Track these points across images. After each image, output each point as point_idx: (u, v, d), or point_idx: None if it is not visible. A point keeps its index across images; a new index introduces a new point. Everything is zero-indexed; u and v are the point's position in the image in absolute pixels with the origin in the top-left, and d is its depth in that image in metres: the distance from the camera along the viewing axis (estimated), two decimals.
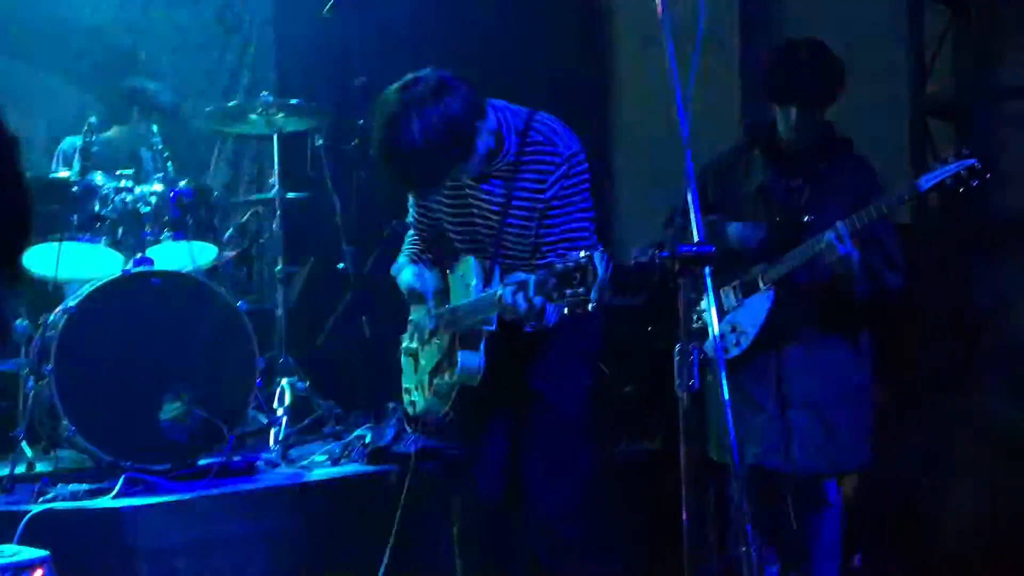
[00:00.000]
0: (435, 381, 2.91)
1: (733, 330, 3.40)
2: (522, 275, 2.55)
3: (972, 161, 3.11)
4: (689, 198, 2.12)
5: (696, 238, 2.06)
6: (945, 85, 4.74)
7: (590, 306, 2.32)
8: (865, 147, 4.69)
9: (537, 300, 2.45)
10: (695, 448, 2.01)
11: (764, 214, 3.43)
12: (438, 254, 3.07)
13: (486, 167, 2.78)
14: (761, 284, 3.36)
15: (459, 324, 2.80)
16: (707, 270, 2.02)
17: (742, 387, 3.33)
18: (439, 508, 3.32)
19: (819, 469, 3.39)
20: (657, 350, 3.64)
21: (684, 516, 1.94)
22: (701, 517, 1.96)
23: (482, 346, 2.76)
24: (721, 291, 3.41)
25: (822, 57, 3.35)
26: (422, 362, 3.01)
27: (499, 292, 2.56)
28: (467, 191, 2.85)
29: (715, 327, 2.17)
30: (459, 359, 2.76)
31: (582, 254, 2.29)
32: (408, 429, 3.72)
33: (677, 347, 2.00)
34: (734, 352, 3.37)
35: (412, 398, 3.08)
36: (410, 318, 3.07)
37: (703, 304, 2.39)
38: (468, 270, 2.83)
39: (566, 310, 2.42)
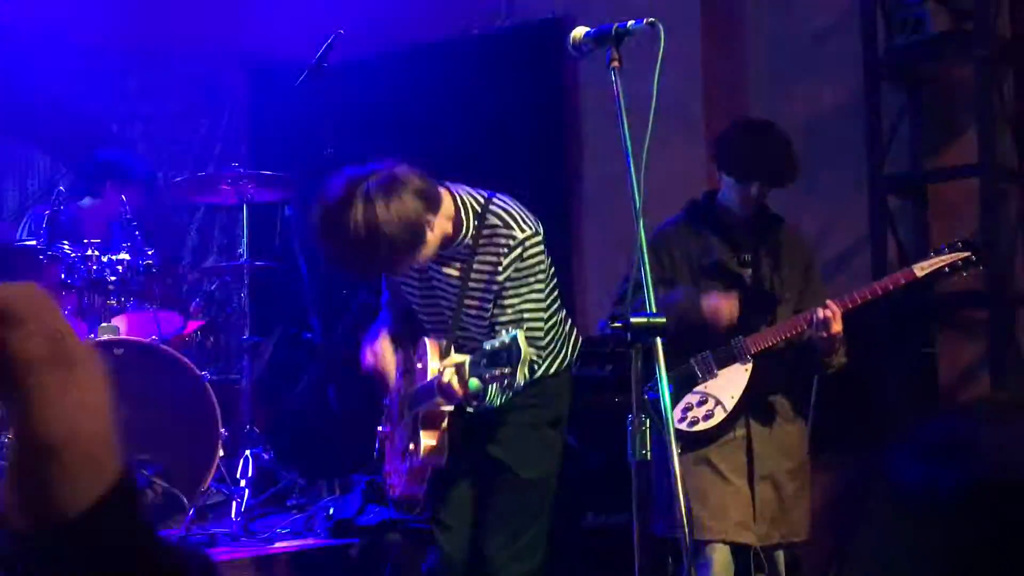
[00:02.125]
0: (407, 465, 2.92)
1: (704, 402, 3.43)
2: (459, 357, 2.59)
3: (967, 252, 3.28)
4: (642, 269, 2.16)
5: (650, 308, 2.10)
6: (902, 163, 4.86)
7: (516, 385, 2.41)
8: (827, 222, 4.82)
9: (473, 381, 2.47)
10: (647, 520, 2.03)
11: (723, 290, 3.47)
12: (401, 333, 3.09)
13: (444, 251, 2.81)
14: (747, 355, 3.40)
15: (419, 405, 2.81)
16: (659, 340, 2.06)
17: (711, 460, 3.36)
18: None
19: (772, 539, 3.40)
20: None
21: None
22: None
23: (444, 425, 2.77)
24: (692, 360, 3.44)
25: (787, 140, 3.46)
26: (397, 444, 3.02)
27: (437, 375, 2.60)
28: (431, 272, 2.89)
29: (667, 399, 2.18)
30: (421, 441, 2.77)
31: (504, 334, 2.35)
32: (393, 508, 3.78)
33: (629, 417, 2.03)
34: (703, 424, 3.37)
35: (391, 482, 3.07)
36: (384, 401, 3.09)
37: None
38: (422, 351, 2.84)
39: (494, 387, 2.49)
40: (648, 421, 2.05)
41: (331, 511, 4.14)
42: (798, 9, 5.13)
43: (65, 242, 4.13)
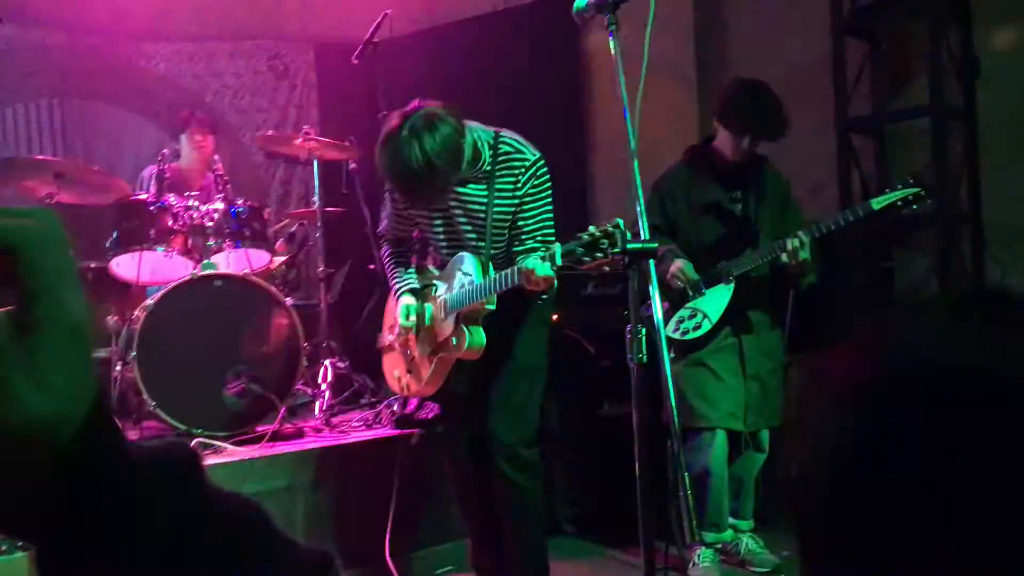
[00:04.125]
0: (435, 360, 2.90)
1: (693, 315, 3.38)
2: (536, 254, 2.53)
3: (917, 189, 3.20)
4: (639, 204, 2.09)
5: (644, 236, 2.03)
6: (864, 107, 4.70)
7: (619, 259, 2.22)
8: (800, 161, 4.67)
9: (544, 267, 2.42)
10: (645, 410, 1.99)
11: (719, 222, 3.44)
12: (404, 256, 3.09)
13: (467, 174, 2.79)
14: (730, 277, 3.36)
15: (465, 306, 2.79)
16: (651, 263, 2.00)
17: (705, 362, 3.35)
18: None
19: (759, 425, 3.43)
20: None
21: (636, 467, 1.91)
22: (653, 468, 1.93)
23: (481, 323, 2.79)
24: (681, 282, 3.40)
25: (778, 100, 3.35)
26: (417, 349, 2.99)
27: (527, 266, 2.48)
28: (453, 200, 2.85)
29: (659, 312, 2.14)
30: (467, 335, 2.76)
31: (608, 224, 2.25)
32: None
33: (627, 327, 1.98)
34: (694, 334, 3.37)
35: (407, 381, 3.06)
36: (400, 314, 2.99)
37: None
38: (465, 264, 2.81)
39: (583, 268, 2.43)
40: (644, 330, 1.99)
41: (395, 407, 4.15)
42: None
43: (171, 195, 4.09)
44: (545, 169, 2.83)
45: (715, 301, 3.37)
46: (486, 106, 5.58)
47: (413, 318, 2.95)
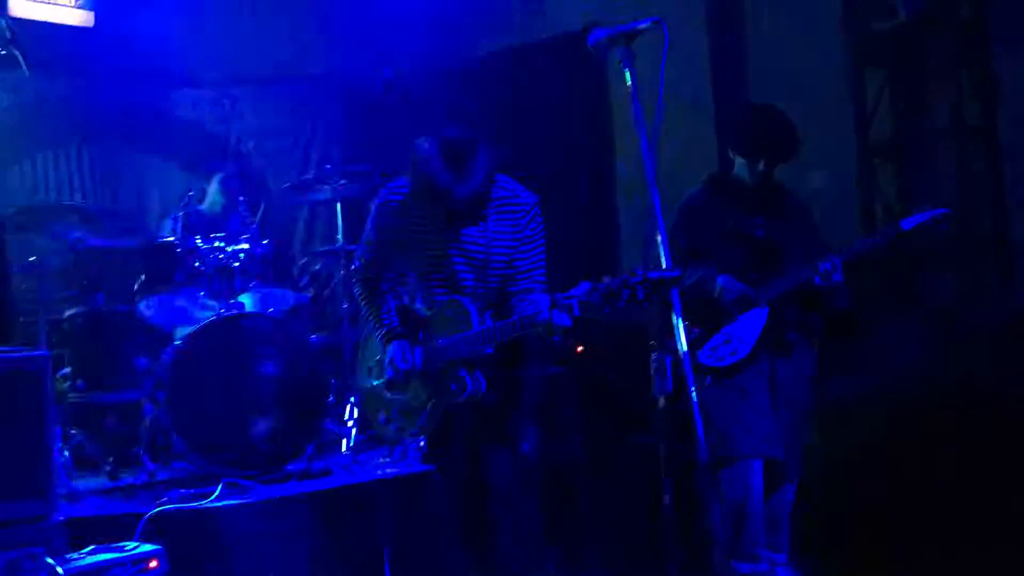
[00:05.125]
0: (430, 405, 2.83)
1: (728, 341, 3.36)
2: (544, 299, 2.53)
3: (946, 210, 3.24)
4: (658, 230, 2.09)
5: (664, 265, 2.03)
6: (885, 130, 4.69)
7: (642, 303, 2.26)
8: (820, 183, 4.66)
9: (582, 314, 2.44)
10: (671, 441, 1.97)
11: (743, 248, 3.42)
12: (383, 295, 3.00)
13: (465, 210, 2.76)
14: (763, 301, 3.33)
15: (466, 352, 2.74)
16: (674, 291, 1.99)
17: (740, 388, 3.31)
18: None
19: (793, 453, 3.36)
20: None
21: (666, 498, 1.89)
22: (683, 499, 1.91)
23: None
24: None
25: (787, 120, 3.35)
26: (409, 393, 2.91)
27: (543, 316, 2.49)
28: (447, 242, 2.83)
29: (683, 341, 2.12)
30: (468, 382, 2.72)
31: (627, 274, 2.27)
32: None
33: (652, 356, 1.97)
34: (730, 360, 3.32)
35: (398, 425, 2.95)
36: (395, 356, 2.89)
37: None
38: (461, 309, 2.77)
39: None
40: (668, 360, 1.98)
41: (421, 443, 4.13)
42: (791, 2, 4.95)
43: (197, 237, 4.15)
44: (541, 214, 2.85)
45: (749, 326, 3.34)
46: (511, 140, 5.65)
47: (411, 359, 2.87)
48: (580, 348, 4.29)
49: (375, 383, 3.00)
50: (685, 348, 2.07)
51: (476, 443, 2.86)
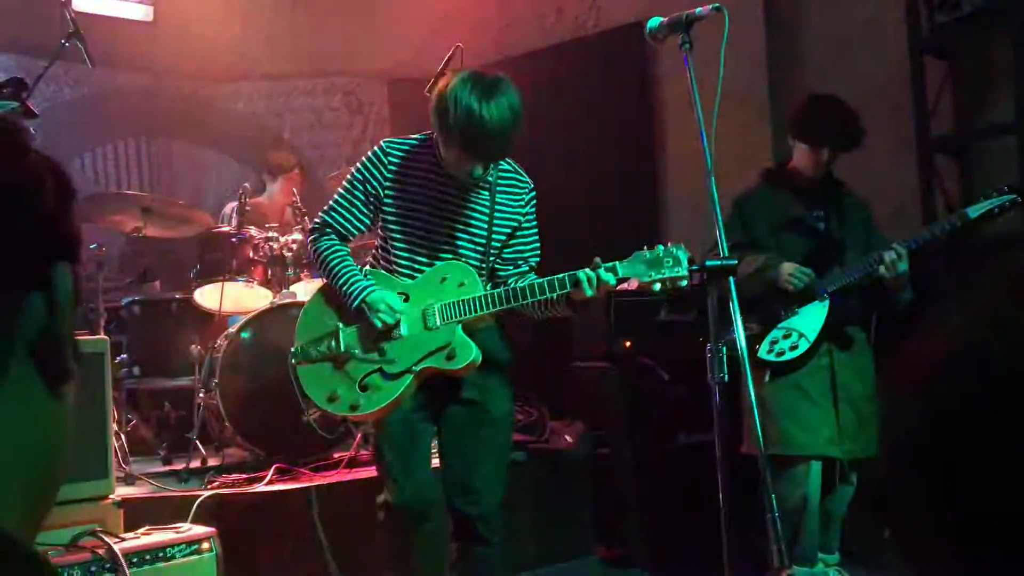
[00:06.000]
0: (408, 375, 2.52)
1: (788, 335, 3.25)
2: (588, 271, 2.40)
3: (1013, 196, 3.10)
4: (717, 221, 2.06)
5: (723, 253, 2.00)
6: (946, 126, 4.57)
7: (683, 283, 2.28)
8: (881, 183, 4.55)
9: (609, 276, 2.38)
10: (726, 433, 1.93)
11: (802, 239, 3.35)
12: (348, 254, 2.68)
13: (468, 178, 2.55)
14: (824, 294, 3.24)
15: (471, 316, 2.51)
16: (731, 280, 1.96)
17: (801, 385, 3.21)
18: None
19: (855, 454, 3.24)
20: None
21: (720, 495, 1.85)
22: (737, 498, 1.86)
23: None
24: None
25: (853, 111, 3.28)
26: (385, 358, 2.56)
27: (590, 274, 2.38)
28: (450, 199, 2.60)
29: (741, 332, 2.07)
30: (468, 349, 2.48)
31: (669, 245, 2.28)
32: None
33: (708, 346, 1.93)
34: (790, 355, 3.20)
35: (349, 402, 2.58)
36: (381, 312, 2.54)
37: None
38: (459, 273, 2.56)
39: (657, 287, 2.34)
40: (724, 348, 1.94)
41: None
42: None
43: (251, 227, 4.21)
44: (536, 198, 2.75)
45: (811, 320, 3.23)
46: (558, 135, 5.66)
47: (399, 316, 2.54)
48: (628, 343, 4.25)
49: (320, 351, 2.62)
50: (743, 339, 2.03)
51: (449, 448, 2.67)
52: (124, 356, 4.24)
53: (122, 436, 3.83)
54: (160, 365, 4.22)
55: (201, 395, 3.87)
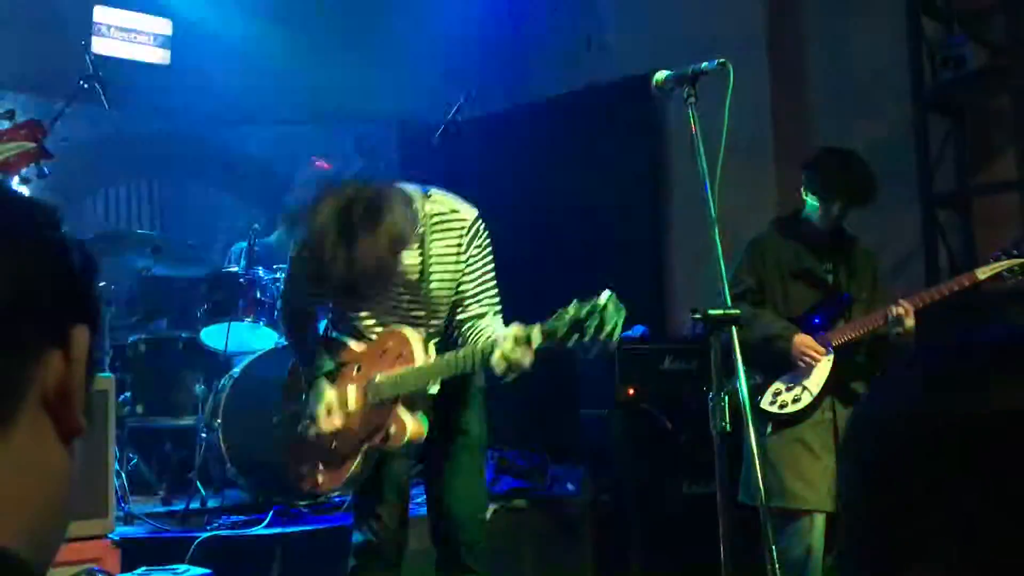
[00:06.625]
0: (362, 452, 2.45)
1: (791, 388, 3.24)
2: (504, 331, 2.17)
3: (1022, 259, 3.11)
4: (721, 269, 2.07)
5: (726, 303, 2.00)
6: (949, 182, 4.60)
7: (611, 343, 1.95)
8: (884, 236, 4.58)
9: (538, 349, 2.09)
10: (728, 483, 1.92)
11: (811, 291, 3.35)
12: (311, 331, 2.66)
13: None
14: (830, 347, 3.24)
15: (407, 390, 2.39)
16: (734, 329, 1.96)
17: (803, 438, 3.20)
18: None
19: None
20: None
21: (721, 548, 1.83)
22: (741, 548, 1.84)
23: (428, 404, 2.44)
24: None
25: (866, 167, 3.30)
26: (337, 441, 2.52)
27: (497, 350, 2.12)
28: None
29: (743, 382, 2.06)
30: (410, 423, 2.37)
31: (598, 297, 1.93)
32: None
33: (710, 395, 1.93)
34: (792, 407, 3.20)
35: (320, 478, 2.55)
36: (332, 401, 2.50)
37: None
38: (398, 340, 2.43)
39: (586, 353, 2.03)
40: (726, 398, 1.93)
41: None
42: (854, 51, 4.92)
43: (259, 268, 4.24)
44: (486, 226, 2.49)
45: (814, 373, 3.22)
46: (566, 182, 5.71)
47: (353, 406, 2.47)
48: (632, 390, 4.24)
49: (298, 429, 2.60)
50: (745, 390, 2.02)
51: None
52: (128, 394, 4.25)
53: (123, 475, 3.82)
54: (163, 404, 4.22)
55: (203, 435, 3.86)
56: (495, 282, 2.51)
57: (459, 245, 2.45)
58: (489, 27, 6.13)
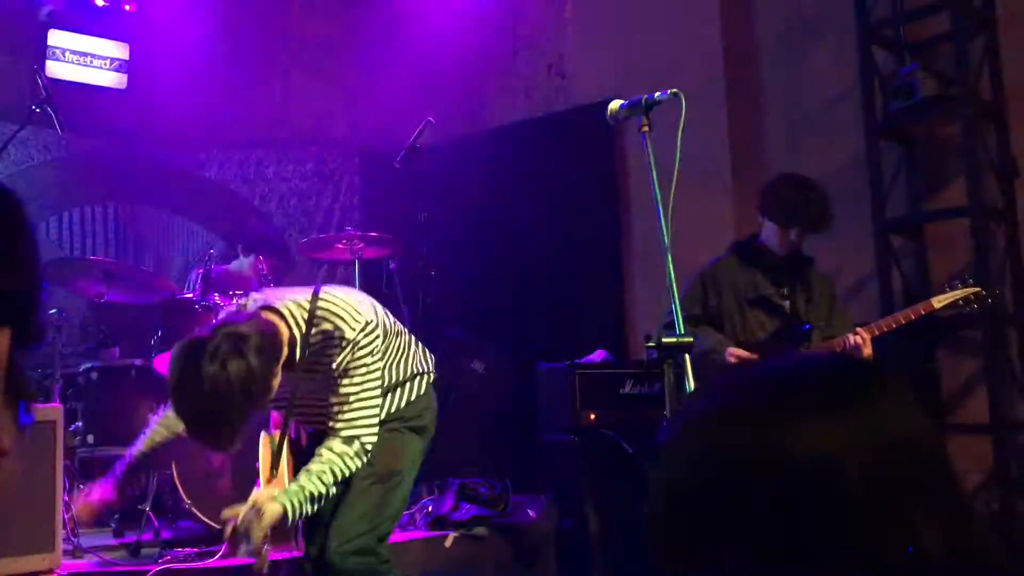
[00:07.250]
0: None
1: None
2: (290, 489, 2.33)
3: (977, 289, 3.28)
4: (673, 297, 2.09)
5: (680, 330, 2.02)
6: (901, 208, 4.70)
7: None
8: (839, 260, 4.66)
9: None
10: None
11: (768, 317, 3.40)
12: None
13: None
14: None
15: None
16: (687, 357, 1.98)
17: None
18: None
19: None
20: None
21: None
22: None
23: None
24: None
25: (823, 193, 3.36)
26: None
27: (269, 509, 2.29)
28: (285, 384, 2.47)
29: None
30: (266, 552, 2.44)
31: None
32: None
33: (663, 423, 1.95)
34: None
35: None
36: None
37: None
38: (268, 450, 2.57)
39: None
40: None
41: (429, 508, 4.09)
42: (808, 80, 5.03)
43: (216, 294, 4.18)
44: (368, 339, 2.41)
45: None
46: (526, 209, 5.74)
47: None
48: (592, 415, 4.25)
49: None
50: None
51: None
52: (79, 424, 4.15)
53: (72, 507, 3.72)
54: (116, 433, 4.12)
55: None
56: (374, 393, 2.45)
57: (331, 361, 2.40)
58: (450, 53, 6.17)
